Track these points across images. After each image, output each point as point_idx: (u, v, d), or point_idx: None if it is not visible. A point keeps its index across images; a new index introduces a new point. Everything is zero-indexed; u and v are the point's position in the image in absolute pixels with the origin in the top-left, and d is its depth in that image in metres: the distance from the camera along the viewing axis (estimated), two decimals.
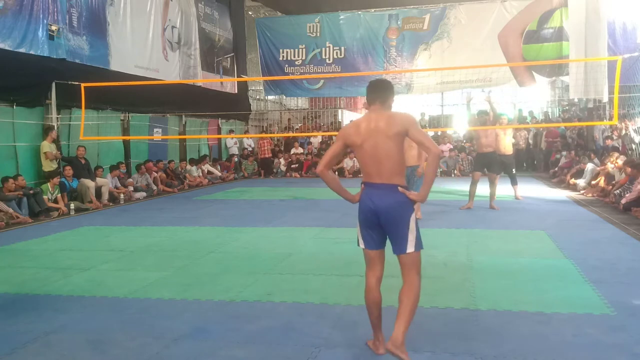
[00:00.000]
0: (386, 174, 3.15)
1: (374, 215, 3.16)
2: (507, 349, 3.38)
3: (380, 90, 3.30)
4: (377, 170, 3.16)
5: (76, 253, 6.44)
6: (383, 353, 3.24)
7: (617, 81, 8.86)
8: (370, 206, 3.16)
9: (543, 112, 20.34)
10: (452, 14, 18.18)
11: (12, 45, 9.87)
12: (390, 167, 3.15)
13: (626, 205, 8.43)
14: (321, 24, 19.49)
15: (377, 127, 3.16)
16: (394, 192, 3.14)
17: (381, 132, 3.14)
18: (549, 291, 4.52)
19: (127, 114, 13.17)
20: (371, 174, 3.19)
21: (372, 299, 3.23)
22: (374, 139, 3.15)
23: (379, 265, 3.27)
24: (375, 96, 3.28)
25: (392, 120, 3.16)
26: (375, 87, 3.33)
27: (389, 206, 3.12)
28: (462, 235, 7.01)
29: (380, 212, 3.13)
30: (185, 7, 16.15)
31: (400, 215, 3.13)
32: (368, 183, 3.21)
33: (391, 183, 3.15)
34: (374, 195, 3.16)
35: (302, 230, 7.66)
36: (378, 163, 3.15)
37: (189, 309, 4.26)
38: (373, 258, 3.26)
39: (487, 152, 9.28)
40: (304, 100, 24.24)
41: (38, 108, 10.65)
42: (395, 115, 3.20)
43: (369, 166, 3.19)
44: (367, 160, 3.19)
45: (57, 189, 9.70)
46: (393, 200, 3.13)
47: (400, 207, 3.13)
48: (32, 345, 3.61)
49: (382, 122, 3.16)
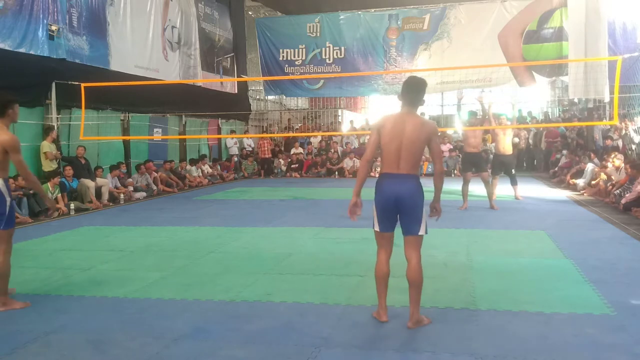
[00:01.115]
0: (407, 166, 3.68)
1: (394, 201, 3.67)
2: (507, 349, 3.38)
3: (414, 92, 3.79)
4: (399, 163, 3.68)
5: (76, 253, 6.44)
6: (386, 320, 3.81)
7: (617, 81, 8.85)
8: (393, 192, 3.66)
9: (543, 112, 20.34)
10: (452, 14, 18.17)
11: (12, 45, 9.87)
12: (412, 161, 3.69)
13: (626, 205, 8.43)
14: (321, 24, 19.48)
15: (406, 129, 3.68)
16: (414, 181, 3.69)
17: (409, 134, 3.66)
18: (549, 291, 4.52)
19: (127, 114, 13.16)
20: (392, 166, 3.69)
21: (383, 273, 3.81)
22: (402, 139, 3.66)
23: (390, 245, 3.85)
24: (410, 97, 3.79)
25: (422, 127, 3.70)
26: (410, 87, 3.81)
27: (410, 192, 3.66)
28: (462, 235, 7.01)
29: (401, 197, 3.65)
30: (185, 7, 16.15)
31: (417, 201, 3.69)
32: (390, 173, 3.71)
33: (411, 173, 3.69)
34: (396, 183, 3.67)
35: (302, 230, 7.65)
36: (402, 157, 3.67)
37: (189, 309, 4.26)
38: (386, 239, 3.82)
39: (472, 152, 9.27)
40: (304, 100, 24.23)
41: (38, 108, 10.64)
42: (425, 123, 3.76)
43: (392, 159, 3.68)
44: (393, 154, 3.68)
45: (57, 189, 9.70)
46: (413, 188, 3.68)
47: (418, 194, 3.70)
48: (32, 345, 3.60)
49: (411, 126, 3.67)
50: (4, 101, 4.42)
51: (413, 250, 3.74)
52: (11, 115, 4.45)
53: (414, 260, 3.73)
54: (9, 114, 4.42)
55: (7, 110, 4.41)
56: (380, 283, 3.84)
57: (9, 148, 4.29)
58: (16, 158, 4.34)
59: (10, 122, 4.49)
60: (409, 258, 3.75)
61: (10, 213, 4.37)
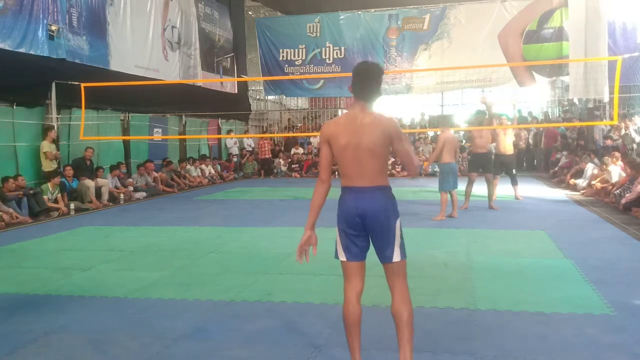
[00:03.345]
0: (372, 176, 2.87)
1: (359, 222, 2.87)
2: (507, 349, 3.38)
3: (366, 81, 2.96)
4: (361, 173, 2.87)
5: (76, 253, 6.44)
6: None
7: (617, 81, 8.86)
8: (356, 209, 2.85)
9: (543, 112, 20.33)
10: (452, 14, 18.17)
11: (12, 45, 9.86)
12: (376, 169, 2.87)
13: (626, 205, 8.43)
14: (321, 24, 19.48)
15: (362, 131, 2.85)
16: (383, 193, 2.89)
17: (368, 137, 2.84)
18: (549, 291, 4.52)
19: (127, 114, 13.16)
20: (354, 178, 2.88)
21: (353, 316, 2.87)
22: (359, 143, 2.84)
23: (360, 278, 2.94)
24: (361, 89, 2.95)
25: (380, 125, 2.86)
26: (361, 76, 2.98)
27: (378, 208, 2.85)
28: (462, 235, 7.01)
29: (367, 214, 2.84)
30: (185, 7, 16.15)
31: (389, 218, 2.86)
32: (352, 187, 2.90)
33: (377, 185, 2.87)
34: (360, 198, 2.86)
35: (302, 230, 7.58)
36: (363, 166, 2.86)
37: (189, 309, 4.26)
38: (354, 271, 2.94)
39: (481, 152, 9.29)
40: (304, 100, 24.22)
41: (38, 108, 10.64)
42: (383, 120, 2.90)
43: (352, 170, 2.89)
44: (351, 164, 2.88)
45: (57, 189, 9.70)
46: (382, 201, 2.86)
47: (389, 209, 2.87)
48: (32, 345, 3.60)
49: (367, 127, 2.85)
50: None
51: (394, 279, 2.90)
52: None
53: (397, 291, 2.88)
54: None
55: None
56: (352, 331, 2.88)
57: None
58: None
59: None
60: (391, 289, 2.91)
61: None
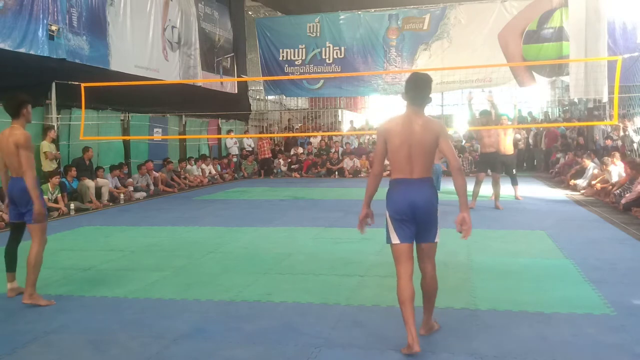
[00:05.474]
0: (421, 170, 3.40)
1: (410, 209, 3.35)
2: (507, 349, 3.38)
3: (419, 90, 3.44)
4: (411, 168, 3.38)
5: (76, 253, 6.44)
6: (418, 350, 3.28)
7: (617, 81, 8.85)
8: (408, 199, 3.35)
9: (543, 112, 20.33)
10: (452, 14, 18.16)
11: (12, 45, 9.86)
12: (425, 165, 3.41)
13: (626, 205, 8.43)
14: (321, 24, 19.47)
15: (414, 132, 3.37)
16: (429, 185, 3.44)
17: (419, 137, 3.36)
18: (549, 291, 4.52)
19: (127, 114, 13.15)
20: (405, 171, 3.39)
21: (409, 294, 3.33)
22: (411, 142, 3.36)
23: (411, 260, 3.40)
24: (415, 96, 3.44)
25: (430, 127, 3.39)
26: (414, 85, 3.45)
27: (427, 198, 3.39)
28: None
29: (417, 204, 3.35)
30: (185, 7, 16.14)
31: (434, 206, 3.43)
32: (403, 179, 3.40)
33: (425, 177, 3.42)
34: (410, 190, 3.37)
35: (302, 230, 7.65)
36: (414, 162, 3.38)
37: (189, 309, 4.26)
38: (406, 252, 3.40)
39: (489, 152, 9.32)
40: (304, 100, 24.22)
41: (38, 108, 10.62)
42: (432, 122, 3.44)
43: (404, 165, 3.39)
44: (404, 159, 3.38)
45: (57, 189, 9.70)
46: (429, 193, 3.42)
47: (434, 199, 3.44)
48: (32, 345, 3.61)
49: (419, 127, 3.37)
50: (19, 102, 4.55)
51: (428, 260, 3.49)
52: (26, 115, 4.59)
53: (430, 271, 3.49)
54: (23, 114, 4.57)
55: (21, 111, 4.55)
56: (407, 307, 3.33)
57: (18, 143, 4.41)
58: (24, 153, 4.43)
59: (26, 122, 4.62)
60: (424, 268, 3.50)
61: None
